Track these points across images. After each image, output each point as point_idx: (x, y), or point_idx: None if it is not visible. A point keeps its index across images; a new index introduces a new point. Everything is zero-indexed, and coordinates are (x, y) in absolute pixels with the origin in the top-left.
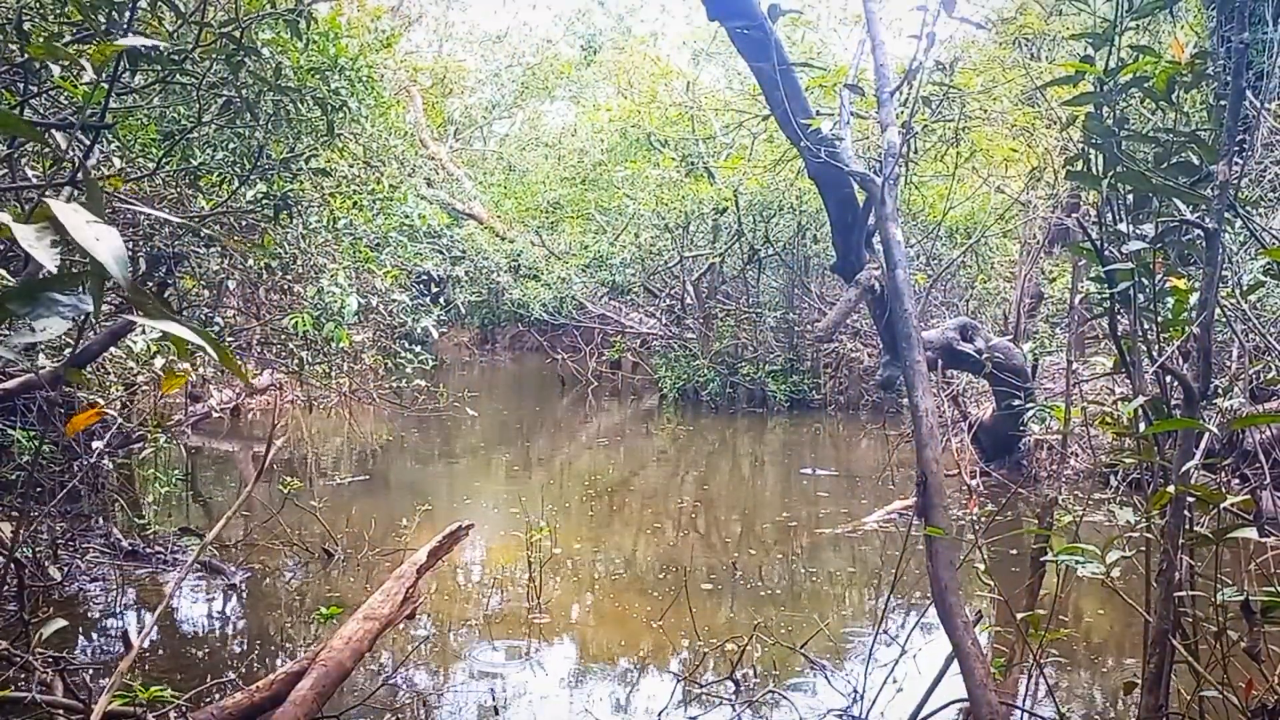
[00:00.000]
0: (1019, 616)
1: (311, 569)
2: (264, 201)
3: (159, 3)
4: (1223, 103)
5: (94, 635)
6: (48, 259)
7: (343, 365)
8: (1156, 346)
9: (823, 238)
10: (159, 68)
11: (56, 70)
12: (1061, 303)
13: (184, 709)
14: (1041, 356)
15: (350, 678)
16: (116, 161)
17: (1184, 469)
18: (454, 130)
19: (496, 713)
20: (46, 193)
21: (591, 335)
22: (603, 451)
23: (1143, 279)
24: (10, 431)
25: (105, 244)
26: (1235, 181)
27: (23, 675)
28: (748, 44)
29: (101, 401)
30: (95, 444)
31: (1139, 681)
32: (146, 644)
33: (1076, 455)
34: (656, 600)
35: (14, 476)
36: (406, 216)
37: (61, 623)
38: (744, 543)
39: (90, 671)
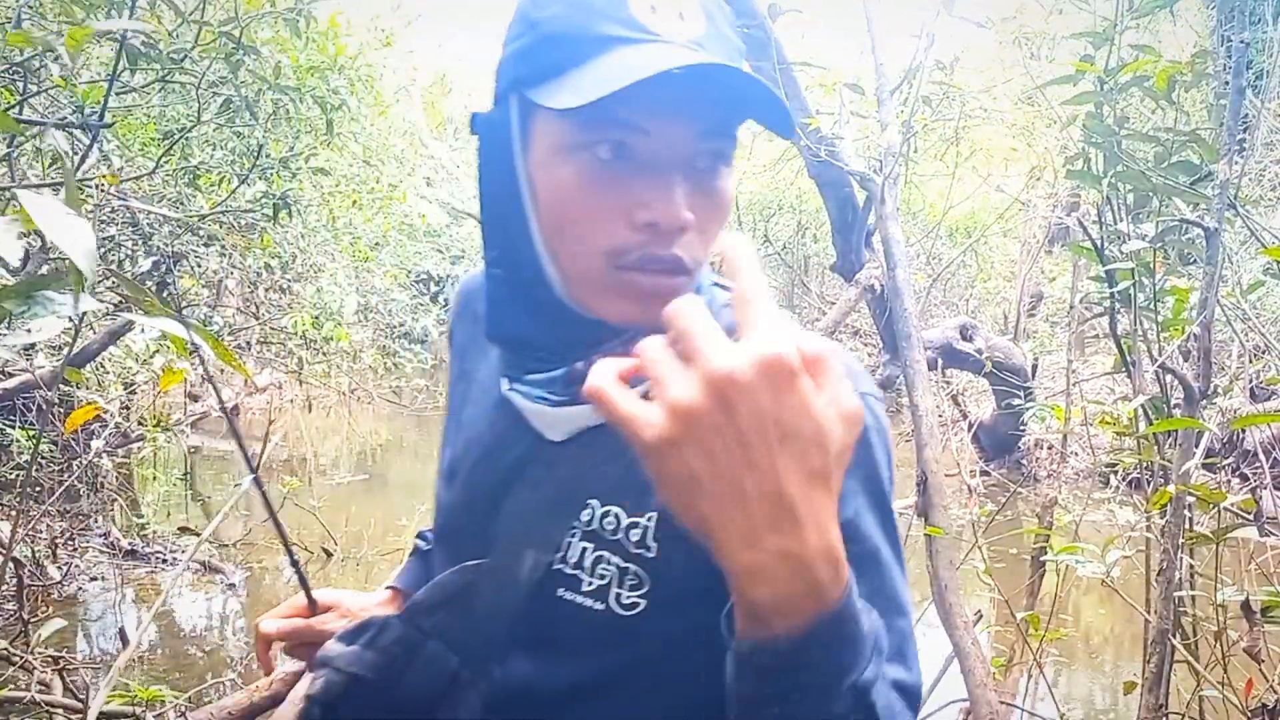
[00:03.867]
0: (1019, 616)
1: (311, 568)
2: (263, 200)
3: (159, 1)
4: (1223, 102)
5: (93, 634)
6: (12, 252)
7: (342, 364)
8: (1156, 346)
9: (823, 237)
10: (159, 67)
11: (56, 70)
12: (1061, 302)
13: (183, 708)
14: (1041, 356)
15: None
16: (116, 160)
17: (1184, 468)
18: (454, 129)
19: None
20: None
21: None
22: None
23: (1143, 279)
24: (9, 431)
25: (75, 237)
26: (1236, 181)
27: (21, 674)
28: (748, 43)
29: (100, 400)
30: (95, 443)
31: (1139, 681)
32: (145, 643)
33: (1076, 455)
34: None
35: (13, 475)
36: (406, 216)
37: (61, 622)
38: None
39: (89, 671)
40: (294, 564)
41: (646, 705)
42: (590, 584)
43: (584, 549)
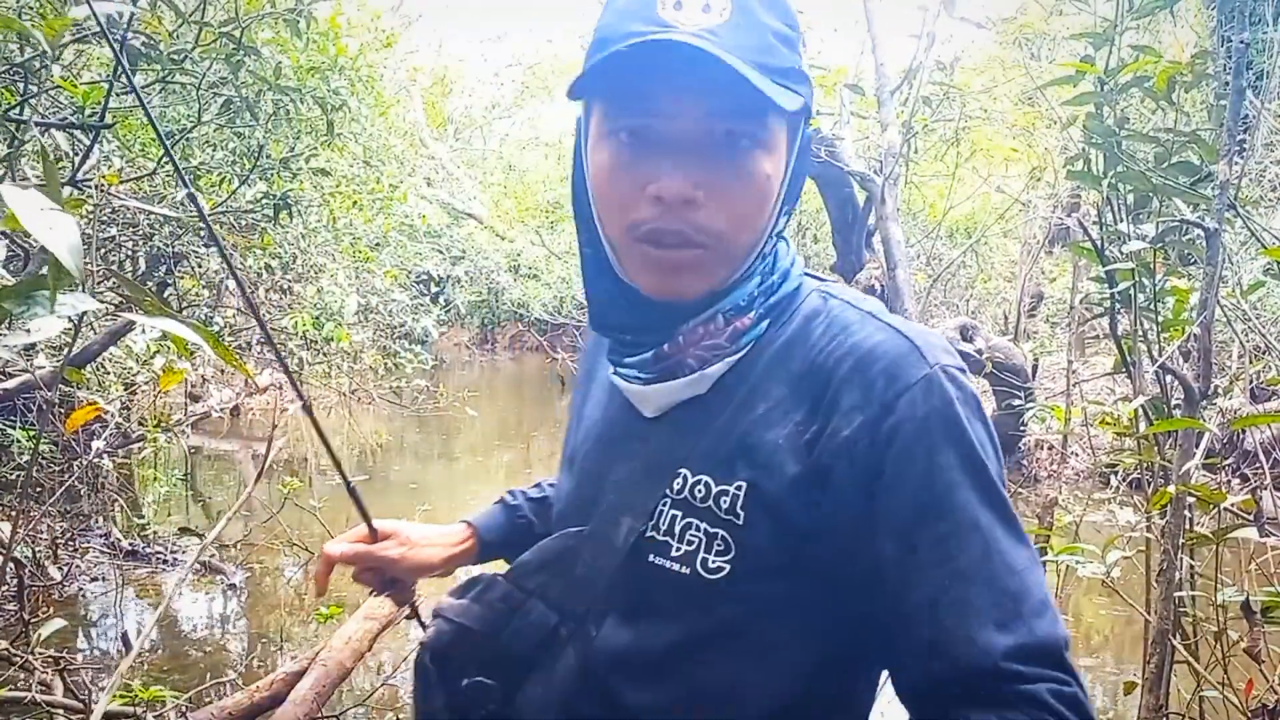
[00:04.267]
0: None
1: (311, 569)
2: (264, 201)
3: (159, 2)
4: (1223, 102)
5: (94, 635)
6: None
7: (342, 365)
8: (1156, 346)
9: (823, 237)
10: (159, 67)
11: (57, 70)
12: (1061, 303)
13: (184, 709)
14: (1041, 356)
15: (350, 677)
16: (116, 161)
17: (1184, 469)
18: (454, 130)
19: None
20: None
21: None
22: None
23: (1143, 279)
24: (10, 431)
25: (59, 232)
26: (1236, 181)
27: (22, 675)
28: None
29: (101, 401)
30: (95, 443)
31: (1139, 681)
32: (146, 644)
33: (1077, 455)
34: None
35: (13, 476)
36: (406, 216)
37: (61, 622)
38: None
39: (90, 671)
40: (351, 492)
41: (735, 672)
42: (678, 550)
43: (674, 516)
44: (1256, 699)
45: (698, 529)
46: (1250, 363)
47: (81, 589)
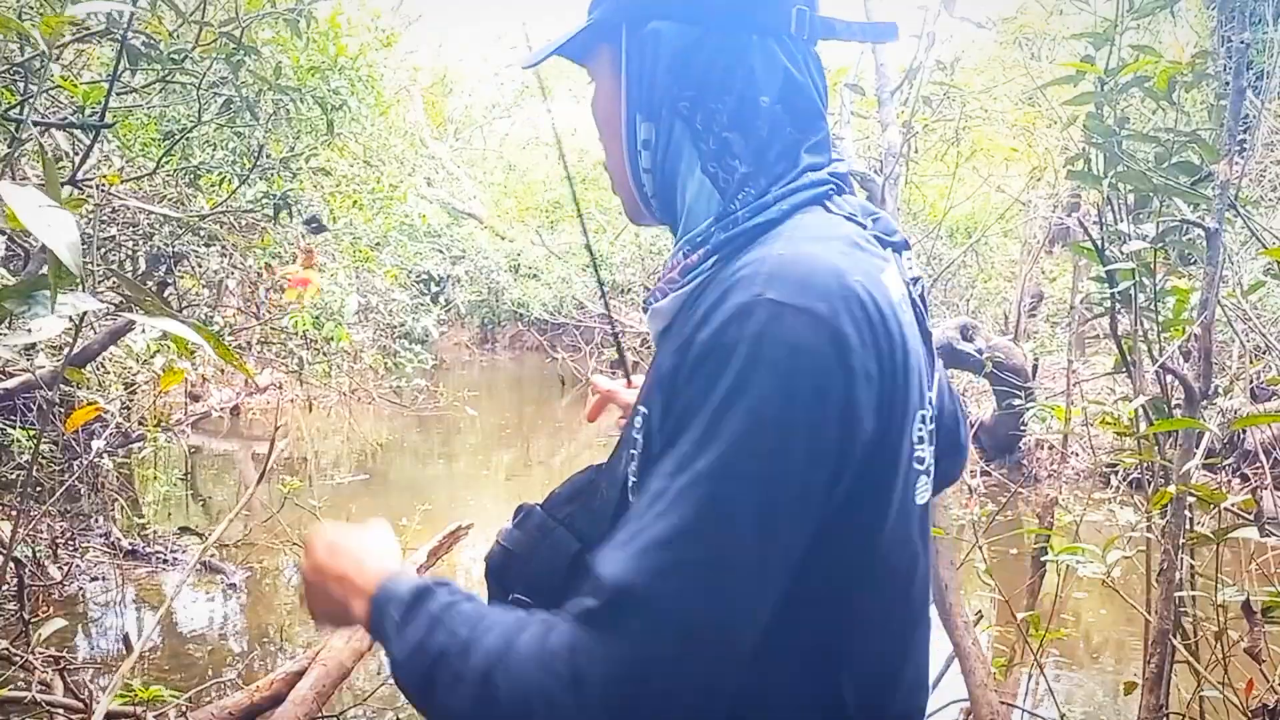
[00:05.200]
0: (1019, 616)
1: None
2: (264, 201)
3: (159, 1)
4: (1223, 102)
5: (94, 635)
6: None
7: (342, 365)
8: (1157, 346)
9: None
10: (159, 67)
11: (57, 70)
12: (1062, 302)
13: (184, 708)
14: (1042, 356)
15: (350, 677)
16: (117, 160)
17: (1185, 469)
18: (454, 129)
19: None
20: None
21: (592, 334)
22: (603, 451)
23: (1143, 279)
24: (10, 430)
25: (57, 229)
26: (1236, 181)
27: (22, 675)
28: None
29: (101, 400)
30: (95, 443)
31: (1139, 681)
32: (147, 643)
33: (1077, 455)
34: None
35: (14, 475)
36: (406, 216)
37: (61, 622)
38: None
39: (90, 671)
40: (617, 343)
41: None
42: (632, 481)
43: (632, 446)
44: (1256, 699)
45: (634, 459)
46: (1250, 363)
47: (81, 589)
